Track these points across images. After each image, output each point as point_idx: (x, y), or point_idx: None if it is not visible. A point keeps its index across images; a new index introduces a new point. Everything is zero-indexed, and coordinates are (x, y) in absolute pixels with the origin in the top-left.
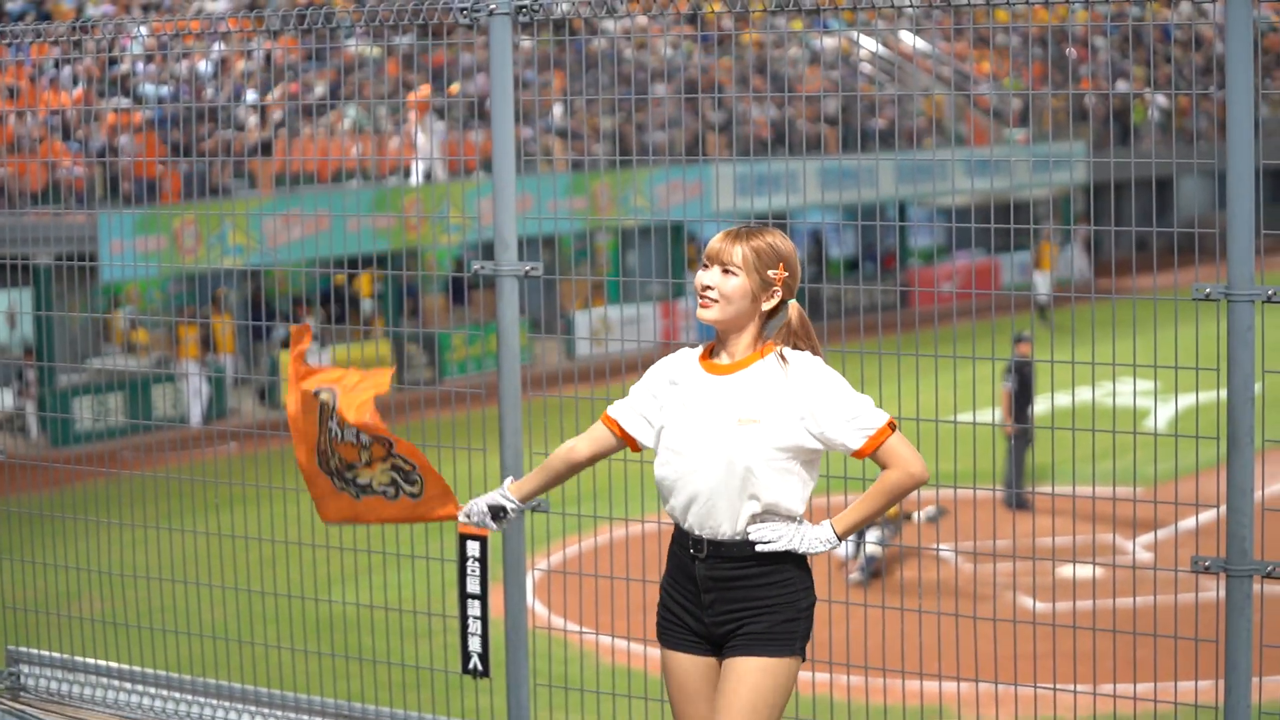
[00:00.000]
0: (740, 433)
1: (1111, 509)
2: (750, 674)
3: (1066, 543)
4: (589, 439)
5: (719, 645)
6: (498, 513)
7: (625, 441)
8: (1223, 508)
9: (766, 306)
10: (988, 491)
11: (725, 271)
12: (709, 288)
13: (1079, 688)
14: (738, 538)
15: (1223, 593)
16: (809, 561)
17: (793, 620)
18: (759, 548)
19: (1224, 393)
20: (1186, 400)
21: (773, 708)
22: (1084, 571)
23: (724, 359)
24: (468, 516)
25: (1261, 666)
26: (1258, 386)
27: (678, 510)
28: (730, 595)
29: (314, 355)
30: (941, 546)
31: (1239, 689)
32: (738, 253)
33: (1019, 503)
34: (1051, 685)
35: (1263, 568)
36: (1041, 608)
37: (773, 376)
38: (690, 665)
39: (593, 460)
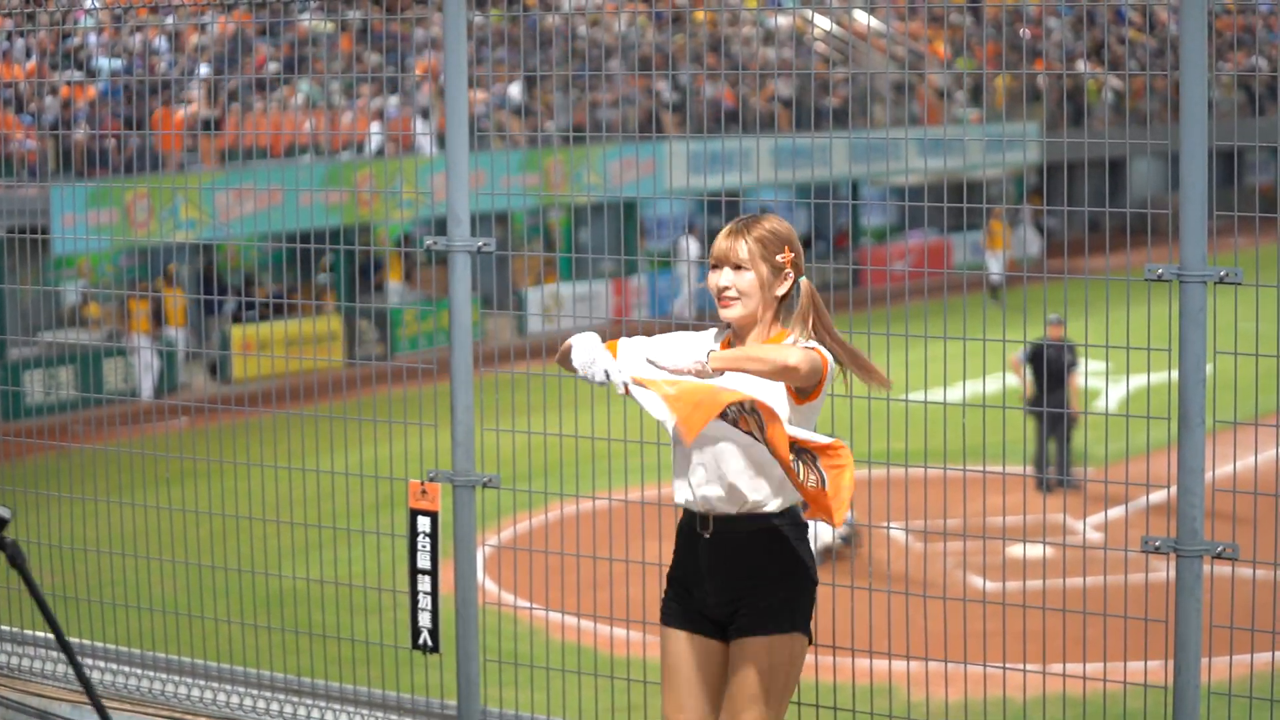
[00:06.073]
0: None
1: (1062, 488)
2: (758, 653)
3: (1016, 522)
4: None
5: (724, 627)
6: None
7: None
8: (1173, 488)
9: (780, 291)
10: (937, 470)
11: (737, 269)
12: (726, 288)
13: (1028, 667)
14: (744, 512)
15: (1173, 573)
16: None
17: (795, 597)
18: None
19: (1175, 373)
20: (1138, 381)
21: (785, 686)
22: (1034, 551)
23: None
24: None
25: (1210, 647)
26: (1209, 367)
27: (686, 487)
28: (735, 571)
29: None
30: (892, 525)
31: (1188, 669)
32: (743, 249)
33: (1048, 485)
34: (1001, 664)
35: (1212, 548)
36: (991, 587)
37: None
38: (690, 645)
39: None
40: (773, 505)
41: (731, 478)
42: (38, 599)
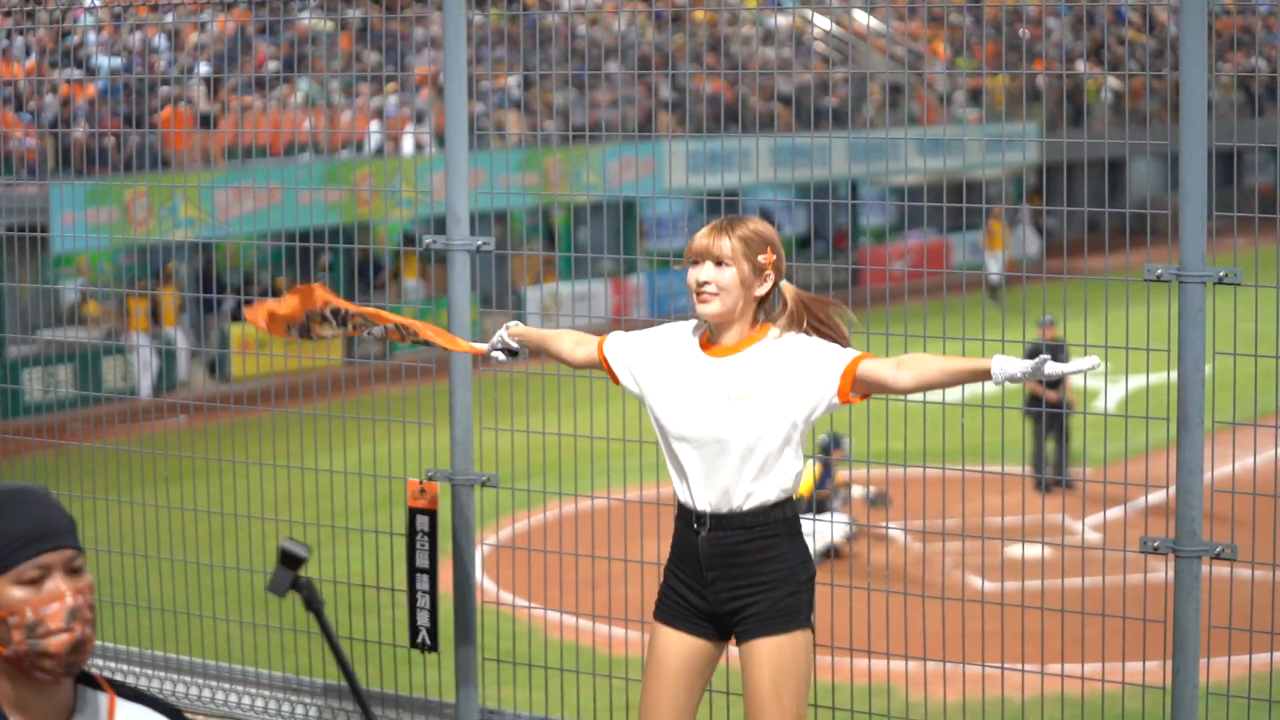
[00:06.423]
0: (730, 409)
1: (1061, 488)
2: (767, 654)
3: (1015, 522)
4: (586, 350)
5: (722, 626)
6: (509, 350)
7: (607, 371)
8: (1172, 489)
9: (760, 291)
10: (937, 470)
11: (718, 265)
12: (706, 283)
13: (1027, 667)
14: (737, 511)
15: (1171, 574)
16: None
17: (794, 594)
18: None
19: (1174, 374)
20: (1137, 381)
21: (797, 682)
22: (1033, 551)
23: (721, 343)
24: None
25: (1209, 647)
26: (1208, 368)
27: (682, 487)
28: (731, 572)
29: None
30: (891, 525)
31: (1187, 670)
32: (726, 245)
33: (1047, 485)
34: (1000, 664)
35: (1211, 549)
36: (990, 587)
37: (764, 355)
38: (678, 644)
39: (579, 366)
40: (767, 502)
41: (725, 478)
42: (333, 646)
